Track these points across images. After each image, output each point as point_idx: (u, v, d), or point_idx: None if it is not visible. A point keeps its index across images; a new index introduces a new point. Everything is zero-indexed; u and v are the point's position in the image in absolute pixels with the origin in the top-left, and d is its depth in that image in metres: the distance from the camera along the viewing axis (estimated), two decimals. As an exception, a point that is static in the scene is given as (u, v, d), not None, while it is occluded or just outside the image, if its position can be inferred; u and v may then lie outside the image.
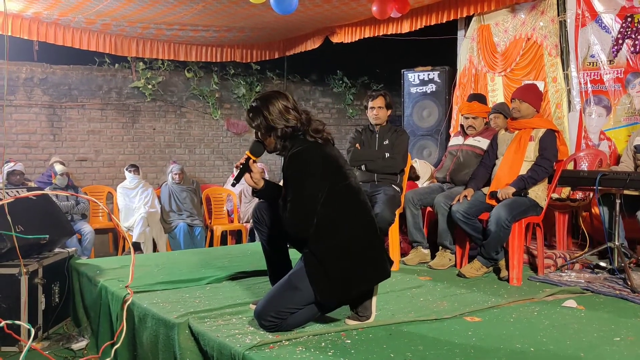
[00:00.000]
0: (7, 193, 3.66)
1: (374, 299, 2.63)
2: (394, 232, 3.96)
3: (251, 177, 2.66)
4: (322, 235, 2.48)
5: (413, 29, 5.95)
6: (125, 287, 3.05)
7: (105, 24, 6.04)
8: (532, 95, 3.84)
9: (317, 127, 2.59)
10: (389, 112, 4.19)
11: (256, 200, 7.14)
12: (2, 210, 3.01)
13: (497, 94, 5.70)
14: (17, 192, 3.84)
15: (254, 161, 2.67)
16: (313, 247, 2.49)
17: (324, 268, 2.46)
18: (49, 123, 7.01)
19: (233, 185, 2.77)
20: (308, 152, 2.52)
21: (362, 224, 2.57)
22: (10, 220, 2.77)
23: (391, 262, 2.64)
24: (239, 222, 7.12)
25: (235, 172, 2.68)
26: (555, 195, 4.51)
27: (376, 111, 4.13)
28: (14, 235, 2.77)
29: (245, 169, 2.64)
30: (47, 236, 3.51)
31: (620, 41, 4.71)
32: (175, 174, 6.97)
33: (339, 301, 2.57)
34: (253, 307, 2.82)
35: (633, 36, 4.63)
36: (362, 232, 2.55)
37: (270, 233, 2.79)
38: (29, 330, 1.92)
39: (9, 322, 1.67)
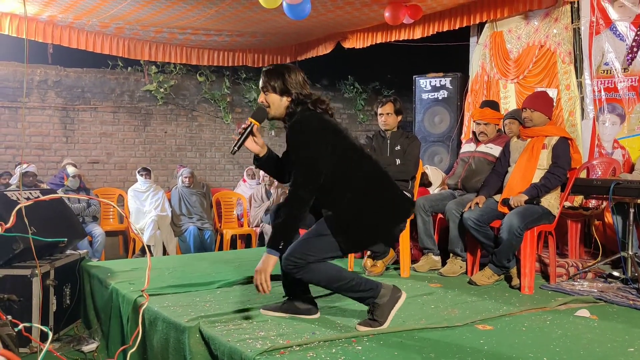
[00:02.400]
0: (27, 194, 3.69)
1: (396, 307, 2.62)
2: (404, 238, 3.95)
3: (255, 142, 2.69)
4: (336, 192, 2.55)
5: (425, 35, 5.95)
6: (141, 291, 3.06)
7: (118, 28, 6.09)
8: (542, 103, 3.81)
9: (323, 99, 2.69)
10: (399, 118, 4.18)
11: (266, 204, 7.16)
12: (17, 212, 3.03)
13: (509, 101, 5.68)
14: (31, 193, 3.87)
15: (257, 128, 2.68)
16: (329, 206, 2.57)
17: (346, 223, 2.53)
18: (62, 125, 7.07)
19: (233, 152, 2.71)
20: (313, 116, 2.60)
21: (372, 173, 2.65)
22: (27, 222, 2.79)
23: (412, 203, 2.74)
24: (248, 227, 7.13)
25: (237, 138, 2.65)
26: (567, 204, 4.48)
27: (385, 117, 4.14)
28: (30, 237, 2.79)
29: (248, 133, 2.65)
30: (65, 239, 3.53)
31: (635, 49, 4.68)
32: (186, 177, 7.00)
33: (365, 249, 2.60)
34: (264, 312, 2.83)
35: (648, 44, 4.60)
36: (374, 180, 2.64)
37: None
38: (46, 333, 1.93)
39: (27, 324, 1.68)
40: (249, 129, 2.65)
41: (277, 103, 2.65)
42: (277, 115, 2.69)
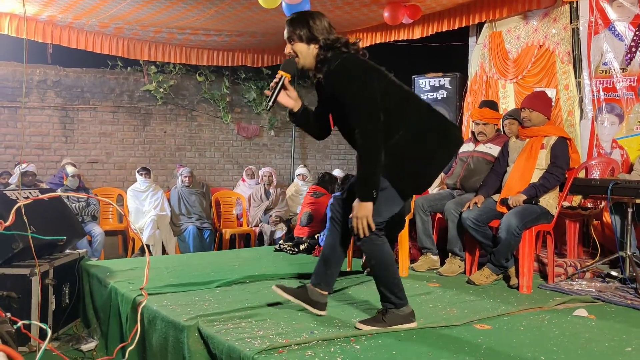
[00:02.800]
0: (27, 194, 3.69)
1: (405, 325, 2.60)
2: (403, 238, 3.95)
3: (288, 95, 2.61)
4: (389, 133, 2.46)
5: (424, 35, 5.96)
6: (140, 289, 3.07)
7: (118, 28, 6.10)
8: (541, 103, 3.82)
9: (353, 41, 2.59)
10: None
11: (265, 204, 7.17)
12: (16, 211, 3.04)
13: (508, 101, 5.68)
14: (30, 193, 3.87)
15: (289, 80, 2.58)
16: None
17: (400, 165, 2.47)
18: (61, 125, 7.07)
19: (267, 108, 2.60)
20: (354, 57, 2.51)
21: (420, 107, 2.59)
22: (26, 220, 2.79)
23: (459, 129, 2.70)
24: (248, 226, 7.13)
25: (270, 94, 2.56)
26: (566, 204, 4.49)
27: None
28: (29, 236, 2.79)
29: (280, 87, 2.55)
30: (65, 237, 3.54)
31: (634, 49, 4.68)
32: (185, 177, 7.00)
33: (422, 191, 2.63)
34: (275, 289, 2.76)
35: (646, 44, 4.61)
36: (424, 114, 2.57)
37: (343, 232, 2.72)
38: (45, 331, 1.93)
39: (26, 322, 1.68)
40: (280, 82, 2.56)
41: (305, 52, 2.55)
42: (307, 64, 2.58)
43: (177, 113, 7.81)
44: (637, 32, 4.67)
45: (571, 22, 5.16)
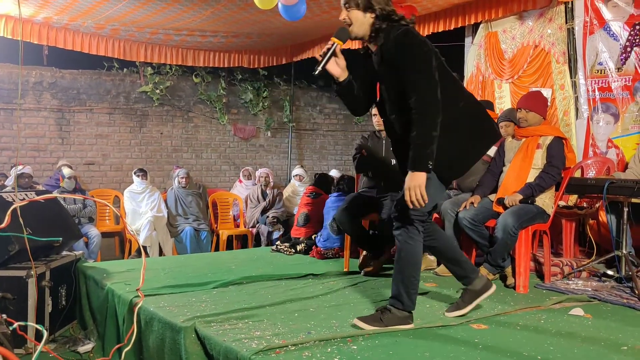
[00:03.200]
0: (23, 195, 3.68)
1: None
2: (400, 238, 3.95)
3: (337, 64, 2.59)
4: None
5: (420, 36, 5.96)
6: (136, 290, 3.06)
7: (114, 29, 6.09)
8: (537, 103, 3.83)
9: (410, 18, 2.59)
10: (393, 118, 4.19)
11: (262, 205, 7.15)
12: (12, 213, 3.03)
13: (504, 101, 5.69)
14: (27, 195, 3.86)
15: (340, 48, 2.56)
16: None
17: (446, 143, 2.44)
18: (57, 127, 7.06)
19: (317, 73, 2.53)
20: (414, 30, 2.51)
21: (467, 95, 2.64)
22: (22, 222, 2.79)
23: (497, 125, 2.79)
24: (245, 227, 7.13)
25: (321, 58, 2.53)
26: (562, 203, 4.49)
27: (378, 118, 4.15)
28: (25, 237, 2.79)
29: (332, 53, 2.53)
30: (60, 239, 3.53)
31: (629, 49, 4.70)
32: (182, 177, 7.00)
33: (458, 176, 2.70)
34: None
35: (641, 44, 4.63)
36: (471, 102, 2.62)
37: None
38: (41, 332, 1.93)
39: (21, 323, 1.68)
40: (332, 49, 2.53)
41: (361, 20, 2.52)
42: (360, 33, 2.54)
43: (174, 114, 7.80)
44: (632, 32, 4.69)
45: (566, 22, 5.17)
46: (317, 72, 2.54)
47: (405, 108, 2.45)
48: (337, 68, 2.61)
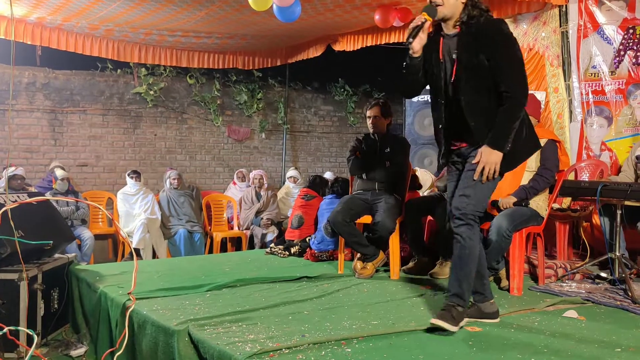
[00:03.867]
0: (15, 197, 3.66)
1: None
2: (394, 240, 3.96)
3: (421, 39, 2.66)
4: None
5: (415, 38, 5.96)
6: (128, 293, 3.04)
7: (108, 30, 6.06)
8: (530, 106, 3.82)
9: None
10: (388, 120, 4.20)
11: (256, 207, 7.13)
12: (3, 215, 3.01)
13: (498, 104, 5.71)
14: (18, 197, 3.83)
15: (429, 25, 2.65)
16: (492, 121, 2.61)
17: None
18: (50, 128, 7.01)
19: (408, 41, 2.66)
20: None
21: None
22: (13, 225, 2.76)
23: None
24: (238, 229, 7.11)
25: (412, 30, 2.63)
26: (556, 206, 4.51)
27: (373, 120, 4.16)
28: (16, 240, 2.76)
29: (420, 28, 2.61)
30: (51, 242, 3.50)
31: (622, 53, 4.72)
32: (174, 179, 6.97)
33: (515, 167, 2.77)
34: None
35: (635, 48, 4.65)
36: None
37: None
38: (31, 337, 1.91)
39: (12, 327, 1.66)
40: (422, 24, 2.61)
41: (453, 2, 2.60)
42: (449, 14, 2.63)
43: (168, 116, 7.77)
44: (625, 36, 4.71)
45: (560, 26, 5.19)
46: (409, 42, 2.65)
47: (481, 91, 2.60)
48: (419, 45, 2.68)
